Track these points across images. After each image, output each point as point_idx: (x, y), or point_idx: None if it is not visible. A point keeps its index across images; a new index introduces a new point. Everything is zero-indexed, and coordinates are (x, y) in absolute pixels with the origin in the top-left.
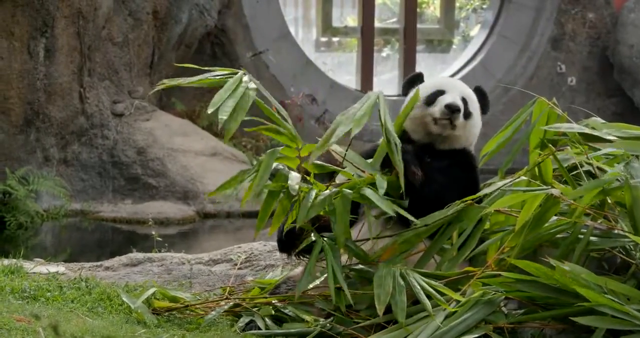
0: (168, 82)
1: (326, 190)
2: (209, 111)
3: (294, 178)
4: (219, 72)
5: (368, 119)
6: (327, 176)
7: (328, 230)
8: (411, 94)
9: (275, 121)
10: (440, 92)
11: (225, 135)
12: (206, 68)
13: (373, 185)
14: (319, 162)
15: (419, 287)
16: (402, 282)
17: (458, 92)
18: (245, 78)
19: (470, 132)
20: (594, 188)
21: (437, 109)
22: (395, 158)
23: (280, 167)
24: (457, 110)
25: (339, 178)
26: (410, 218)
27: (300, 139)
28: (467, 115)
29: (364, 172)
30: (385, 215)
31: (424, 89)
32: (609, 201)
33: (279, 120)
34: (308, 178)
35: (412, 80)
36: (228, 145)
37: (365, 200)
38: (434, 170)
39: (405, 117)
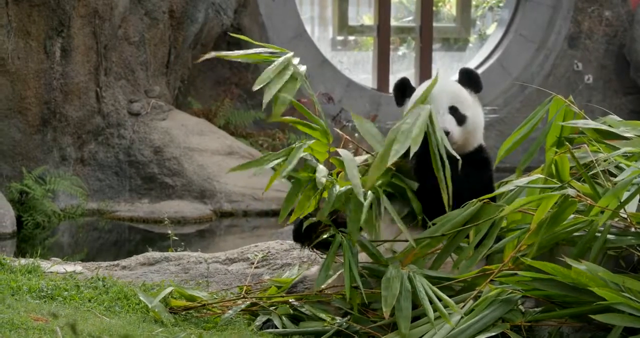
0: (217, 54)
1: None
2: (255, 88)
3: (322, 171)
4: (267, 49)
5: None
6: None
7: (344, 226)
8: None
9: (308, 116)
10: None
11: (274, 115)
12: (256, 42)
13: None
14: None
15: (424, 293)
16: (409, 287)
17: (444, 101)
18: (295, 61)
19: (471, 133)
20: (618, 191)
21: None
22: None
23: (309, 157)
24: (446, 133)
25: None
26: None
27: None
28: (461, 120)
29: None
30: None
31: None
32: None
33: (310, 115)
34: (332, 174)
35: (399, 88)
36: (244, 143)
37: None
38: None
39: None
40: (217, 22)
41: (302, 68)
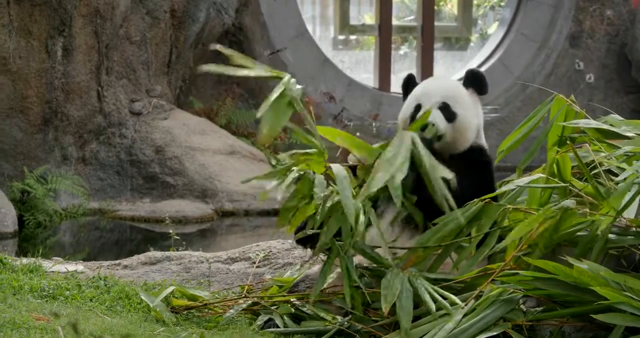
0: (216, 69)
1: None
2: (258, 115)
3: (320, 184)
4: (264, 71)
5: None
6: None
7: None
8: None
9: (304, 141)
10: (418, 108)
11: (260, 142)
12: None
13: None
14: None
15: (424, 290)
16: (409, 287)
17: (436, 97)
18: (292, 81)
19: (461, 132)
20: (621, 193)
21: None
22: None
23: (307, 171)
24: (432, 125)
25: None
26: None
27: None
28: (451, 117)
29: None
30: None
31: (408, 104)
32: None
33: (307, 139)
34: (331, 186)
35: (406, 84)
36: (246, 143)
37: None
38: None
39: None
40: (218, 22)
41: (298, 88)
